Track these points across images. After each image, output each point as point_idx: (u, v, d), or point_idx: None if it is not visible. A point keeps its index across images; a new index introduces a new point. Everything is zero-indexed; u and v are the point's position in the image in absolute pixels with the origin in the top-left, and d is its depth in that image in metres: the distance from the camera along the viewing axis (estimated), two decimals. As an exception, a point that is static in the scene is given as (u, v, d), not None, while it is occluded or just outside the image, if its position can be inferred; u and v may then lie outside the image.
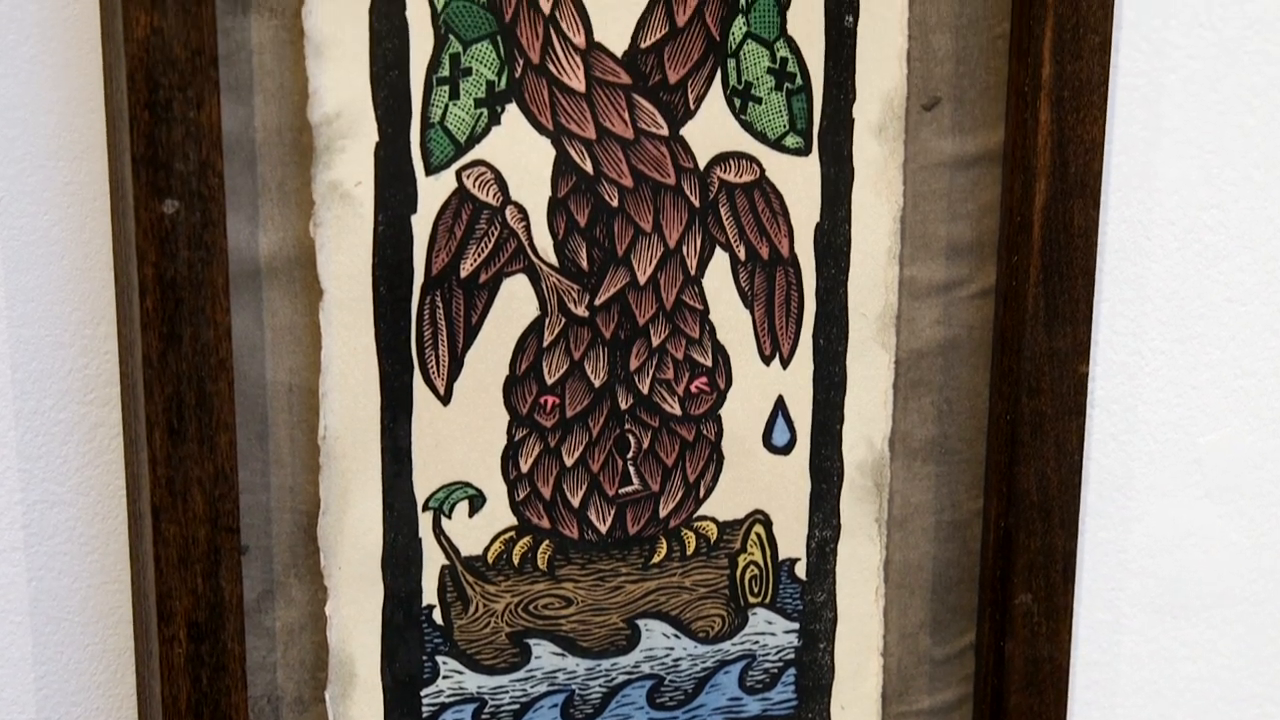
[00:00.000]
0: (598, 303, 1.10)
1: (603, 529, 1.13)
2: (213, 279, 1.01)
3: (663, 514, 1.14)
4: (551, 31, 1.05)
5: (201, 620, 1.04)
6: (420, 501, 1.10)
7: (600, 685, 1.15)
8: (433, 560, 1.11)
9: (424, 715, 1.12)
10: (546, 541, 1.13)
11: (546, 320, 1.09)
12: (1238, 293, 1.26)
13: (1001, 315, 1.16)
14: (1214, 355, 1.27)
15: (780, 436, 1.15)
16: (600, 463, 1.12)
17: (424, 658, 1.11)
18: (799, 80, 1.10)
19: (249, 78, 1.02)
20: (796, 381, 1.14)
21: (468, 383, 1.09)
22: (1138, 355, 1.25)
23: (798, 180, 1.11)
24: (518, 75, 1.05)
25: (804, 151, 1.11)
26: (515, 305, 1.09)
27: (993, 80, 1.13)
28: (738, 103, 1.09)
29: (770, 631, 1.17)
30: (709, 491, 1.14)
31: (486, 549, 1.12)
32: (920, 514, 1.19)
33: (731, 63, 1.08)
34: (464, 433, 1.10)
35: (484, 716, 1.13)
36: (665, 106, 1.08)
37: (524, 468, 1.11)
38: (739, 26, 1.08)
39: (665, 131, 1.08)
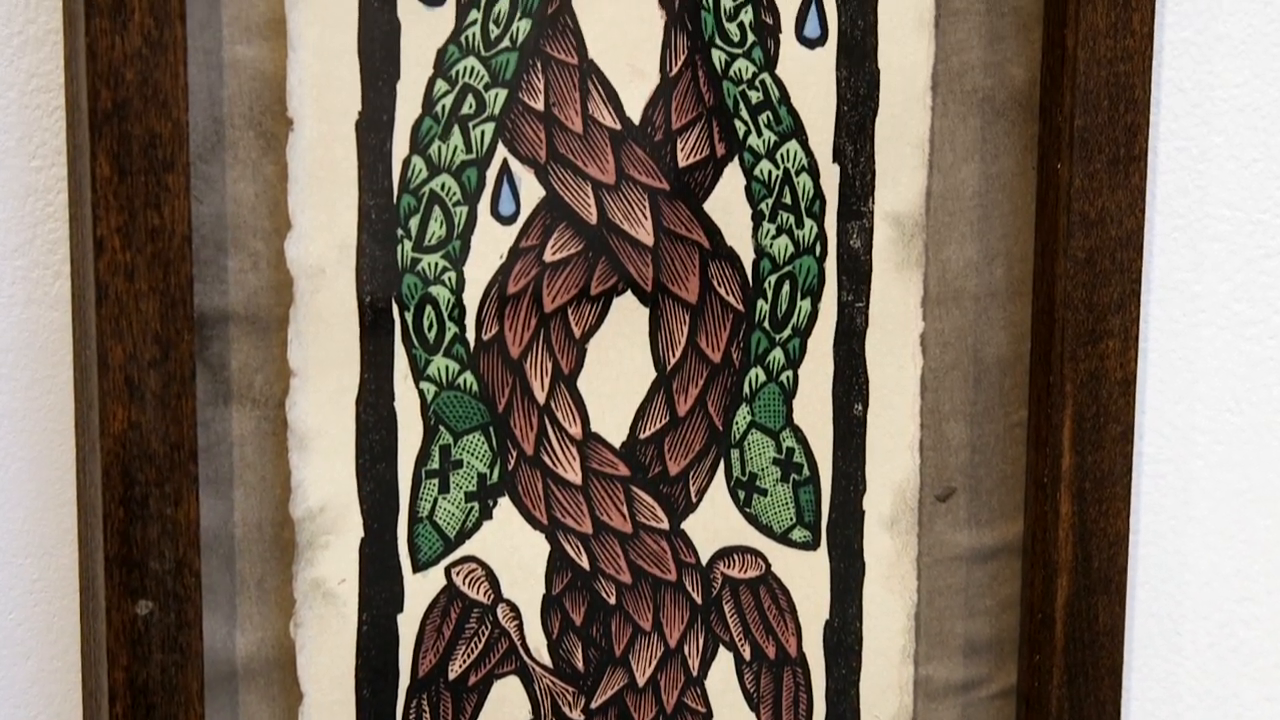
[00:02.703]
0: (594, 706, 1.09)
1: None
2: (186, 684, 1.00)
3: None
4: (546, 422, 1.06)
5: None
6: None
7: None
8: None
9: None
10: None
11: (540, 725, 1.09)
12: (1277, 690, 1.24)
13: (1023, 717, 1.14)
14: (1253, 758, 1.25)
15: None
16: None
17: None
18: (806, 471, 1.10)
19: (229, 471, 1.02)
20: (806, 789, 1.13)
21: (455, 792, 1.08)
22: (1171, 759, 1.24)
23: (806, 575, 1.11)
24: (511, 467, 1.06)
25: (812, 545, 1.11)
26: (506, 709, 1.08)
27: (1010, 470, 1.13)
28: (742, 495, 1.10)
29: None
30: None
31: None
32: None
33: (735, 453, 1.09)
34: (451, 845, 1.08)
35: None
36: (665, 499, 1.08)
37: None
38: (743, 416, 1.09)
39: (665, 525, 1.09)
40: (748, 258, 1.07)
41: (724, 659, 1.11)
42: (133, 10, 0.95)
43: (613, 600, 1.09)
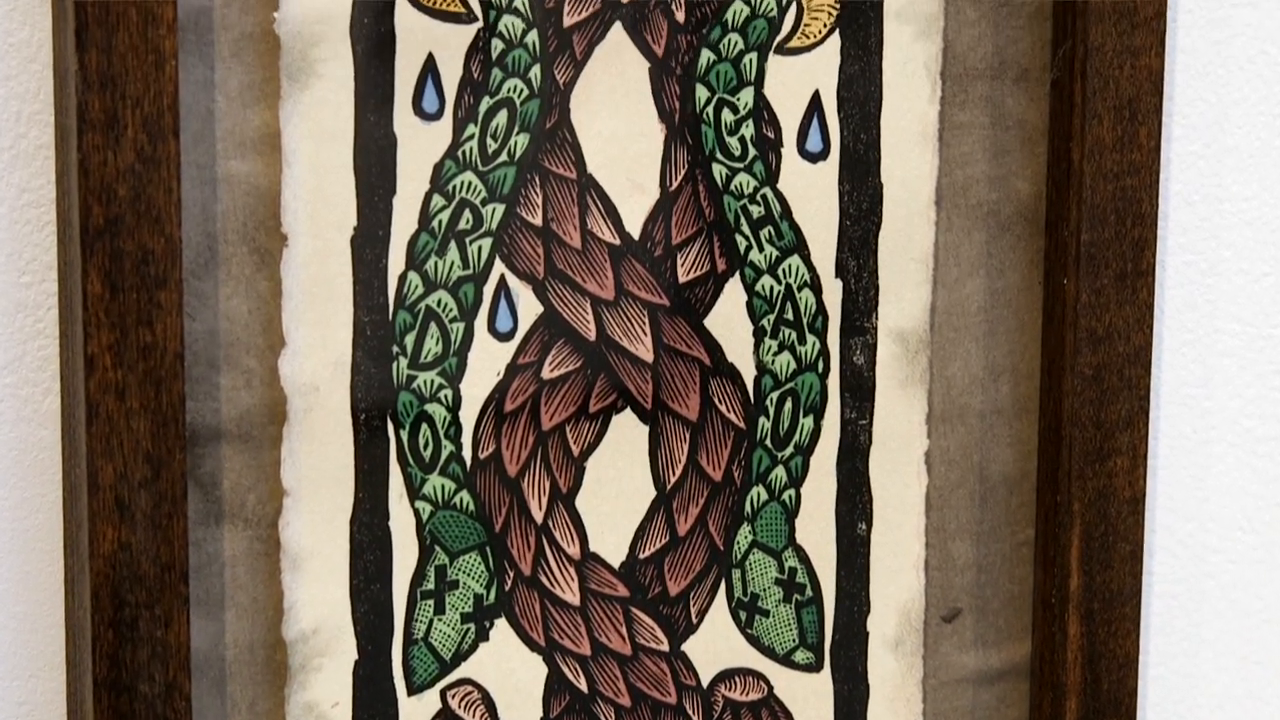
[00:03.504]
0: (593, 832, 1.08)
1: None
2: (174, 810, 1.00)
3: None
4: (544, 541, 1.05)
5: None
6: None
7: None
8: None
9: None
10: None
11: None
12: (1292, 815, 1.24)
13: (1033, 844, 1.13)
14: None
15: None
16: None
17: None
18: (809, 591, 1.09)
19: (220, 592, 1.02)
20: None
21: None
22: None
23: (809, 698, 1.10)
24: (508, 588, 1.05)
25: (815, 668, 1.10)
26: (503, 836, 1.07)
27: (1017, 590, 1.13)
28: (743, 615, 1.09)
29: None
30: None
31: None
32: None
33: (736, 573, 1.08)
34: None
35: None
36: (665, 620, 1.08)
37: None
38: (744, 535, 1.08)
39: (665, 647, 1.08)
40: (749, 374, 1.07)
41: (725, 784, 1.10)
42: (125, 125, 0.95)
43: (612, 724, 1.08)
